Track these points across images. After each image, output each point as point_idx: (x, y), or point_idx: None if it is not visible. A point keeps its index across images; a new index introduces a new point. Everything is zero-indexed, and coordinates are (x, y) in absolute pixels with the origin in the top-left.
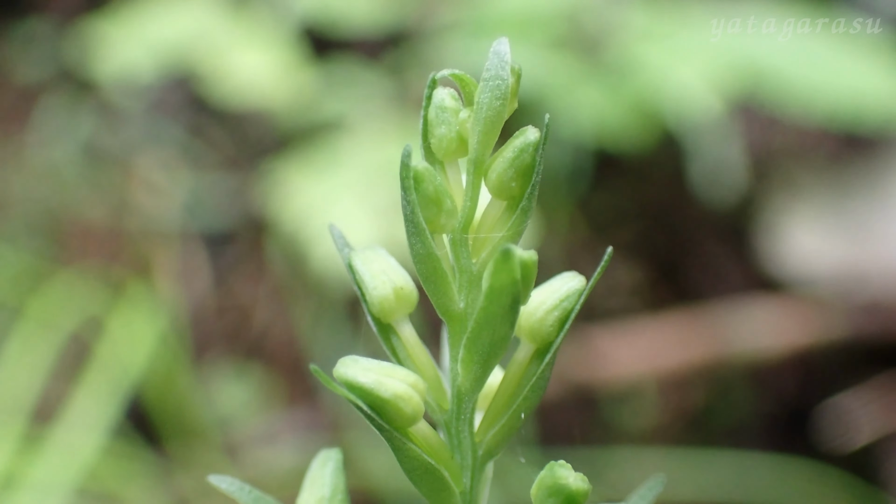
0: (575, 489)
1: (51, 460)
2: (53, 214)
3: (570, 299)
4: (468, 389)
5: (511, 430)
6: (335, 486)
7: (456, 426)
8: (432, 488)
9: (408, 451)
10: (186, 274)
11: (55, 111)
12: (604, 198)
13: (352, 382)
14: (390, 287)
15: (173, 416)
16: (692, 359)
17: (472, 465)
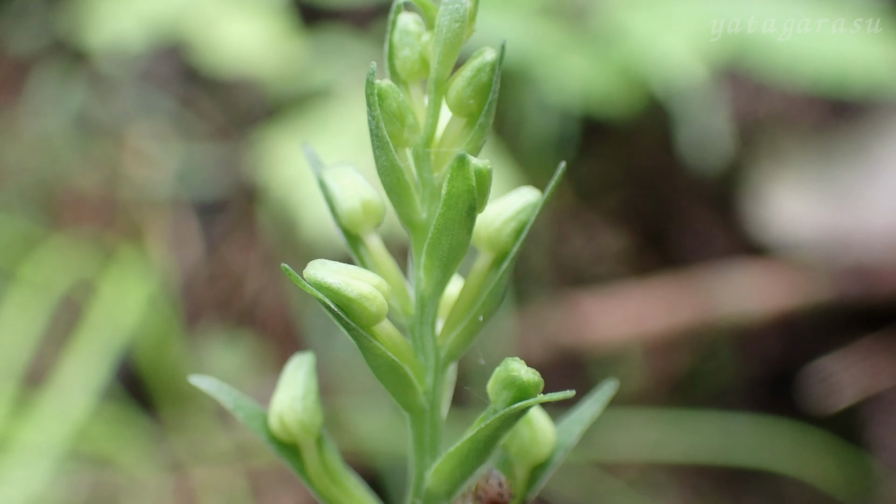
0: (526, 380)
1: (42, 423)
2: (46, 185)
3: (525, 211)
4: (430, 294)
5: (471, 334)
6: (307, 387)
7: (419, 330)
8: (397, 386)
9: (373, 349)
10: (178, 242)
11: (47, 83)
12: (590, 165)
13: (321, 283)
14: (358, 200)
15: (166, 383)
16: (678, 323)
17: (435, 366)
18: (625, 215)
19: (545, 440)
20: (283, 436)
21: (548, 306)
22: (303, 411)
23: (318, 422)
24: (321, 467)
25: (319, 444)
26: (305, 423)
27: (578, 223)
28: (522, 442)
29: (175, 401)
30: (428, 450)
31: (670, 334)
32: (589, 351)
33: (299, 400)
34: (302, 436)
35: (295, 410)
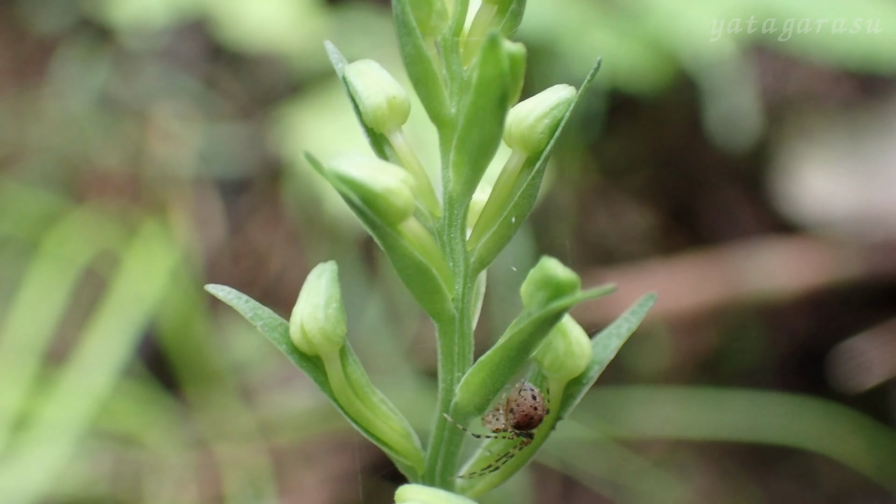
0: (563, 279)
1: (65, 399)
2: (70, 164)
3: (560, 108)
4: (459, 194)
5: (502, 238)
6: (330, 295)
7: (448, 233)
8: (425, 290)
9: (400, 248)
10: (202, 221)
11: (71, 62)
12: (616, 143)
13: (345, 176)
14: (383, 96)
15: (190, 361)
16: (705, 301)
17: (465, 271)
18: (651, 194)
19: (581, 352)
20: (305, 346)
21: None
22: (325, 320)
23: (342, 332)
24: (344, 380)
25: (343, 356)
26: (328, 332)
27: (604, 201)
28: (557, 354)
29: (199, 379)
30: (457, 362)
31: (698, 313)
32: None
33: (321, 308)
34: (324, 346)
35: (317, 319)
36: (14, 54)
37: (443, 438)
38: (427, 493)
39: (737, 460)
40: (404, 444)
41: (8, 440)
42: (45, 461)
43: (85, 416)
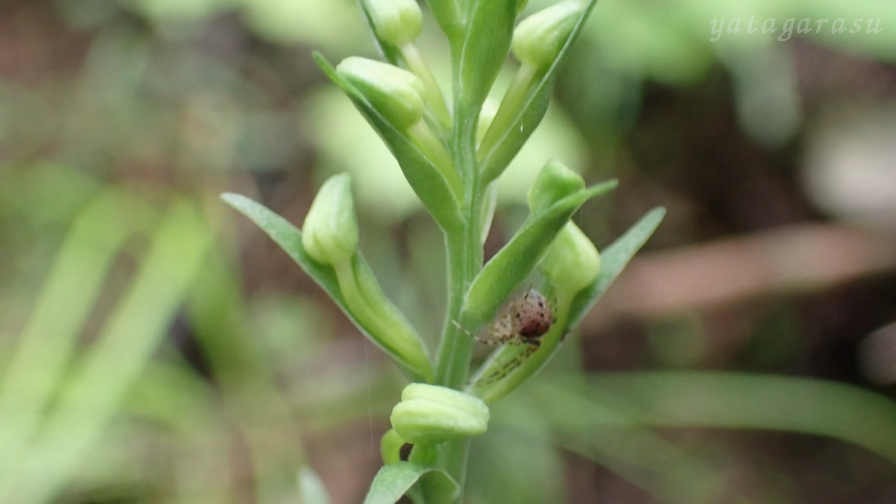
0: (567, 178)
1: (96, 382)
2: (107, 154)
3: (569, 20)
4: (469, 102)
5: (512, 149)
6: (342, 204)
7: (458, 143)
8: (434, 196)
9: (409, 152)
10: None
11: (109, 55)
12: (651, 134)
13: (355, 78)
14: (395, 9)
15: (224, 348)
16: (739, 291)
17: (474, 181)
18: (686, 184)
19: (588, 263)
20: (317, 254)
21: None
22: (336, 228)
23: (353, 240)
24: (356, 289)
25: (354, 266)
26: (339, 240)
27: (638, 192)
28: (564, 265)
29: (232, 366)
30: (466, 271)
31: (731, 302)
32: (649, 319)
33: (333, 216)
34: (336, 254)
35: (329, 227)
36: (53, 47)
37: (452, 347)
38: (432, 391)
39: (770, 450)
40: (414, 352)
41: (40, 423)
42: (75, 445)
43: (117, 400)
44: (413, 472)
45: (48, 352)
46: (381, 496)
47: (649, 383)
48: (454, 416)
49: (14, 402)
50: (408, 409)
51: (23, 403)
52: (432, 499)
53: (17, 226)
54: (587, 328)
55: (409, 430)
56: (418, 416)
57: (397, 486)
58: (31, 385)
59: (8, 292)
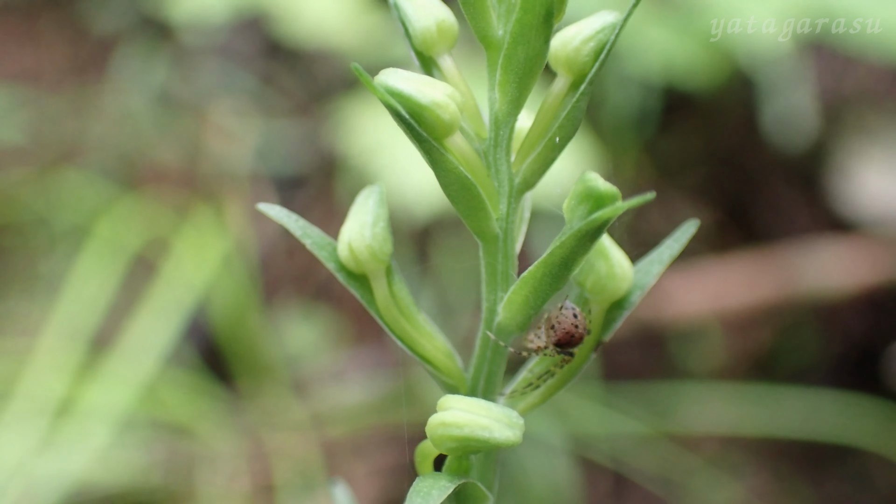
0: (604, 191)
1: (112, 385)
2: (128, 159)
3: (605, 31)
4: (505, 113)
5: (547, 160)
6: (377, 215)
7: (494, 154)
8: (469, 207)
9: (445, 163)
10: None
11: (131, 61)
12: (671, 141)
13: (392, 89)
14: (432, 20)
15: (244, 354)
16: (759, 299)
17: (509, 191)
18: (706, 192)
19: (622, 274)
20: (352, 264)
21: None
22: (372, 238)
23: (388, 250)
24: (390, 299)
25: (389, 276)
26: (374, 250)
27: (658, 199)
28: (598, 276)
29: (252, 372)
30: (500, 281)
31: (751, 311)
32: (669, 327)
33: (368, 227)
34: (371, 264)
35: (364, 237)
36: (75, 53)
37: (485, 358)
38: (467, 402)
39: (790, 460)
40: (447, 362)
41: (57, 426)
42: (93, 448)
43: (134, 404)
44: (448, 484)
45: (65, 355)
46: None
47: (669, 392)
48: (489, 427)
49: (31, 405)
50: (443, 419)
51: (40, 406)
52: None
53: (38, 231)
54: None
55: (445, 441)
56: (454, 427)
57: (433, 497)
58: (48, 388)
59: (29, 297)
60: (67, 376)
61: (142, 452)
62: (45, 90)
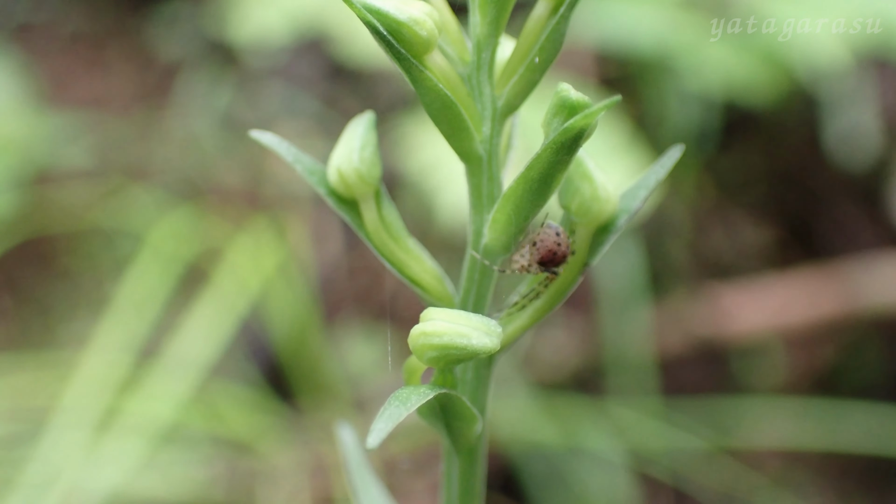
0: (577, 100)
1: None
2: (193, 182)
3: None
4: (486, 35)
5: (529, 83)
6: (365, 140)
7: (477, 77)
8: (452, 128)
9: (425, 81)
10: (319, 238)
11: (196, 86)
12: (732, 159)
13: (370, 6)
14: None
15: (306, 373)
16: (821, 316)
17: (492, 114)
18: (768, 210)
19: (606, 196)
20: (342, 189)
21: (687, 299)
22: (359, 162)
23: (376, 174)
24: (379, 223)
25: (377, 200)
26: (362, 174)
27: (719, 217)
28: (583, 199)
29: (313, 390)
30: (486, 203)
31: (814, 328)
32: (730, 344)
33: (356, 151)
34: (359, 187)
35: (352, 161)
36: (142, 79)
37: (473, 280)
38: (447, 313)
39: (854, 479)
40: (436, 285)
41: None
42: (150, 464)
43: (195, 420)
44: (428, 391)
45: (120, 367)
46: (395, 409)
47: (730, 408)
48: (468, 335)
49: (84, 417)
50: (424, 329)
51: (96, 420)
52: (454, 428)
53: (105, 253)
54: (667, 352)
55: (425, 351)
56: (434, 335)
57: (411, 402)
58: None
59: (95, 318)
60: (124, 389)
61: (204, 468)
62: (113, 115)
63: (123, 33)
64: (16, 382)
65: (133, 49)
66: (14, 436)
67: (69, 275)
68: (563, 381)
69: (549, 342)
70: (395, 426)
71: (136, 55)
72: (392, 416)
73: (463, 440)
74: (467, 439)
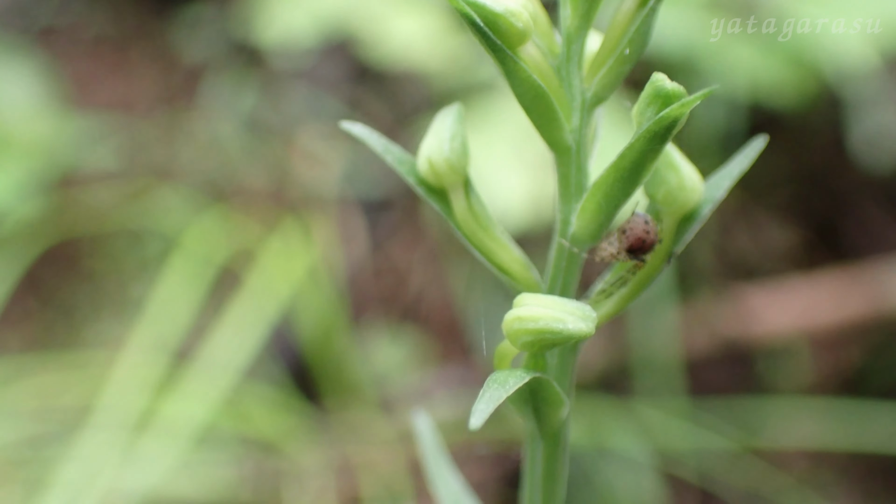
0: (671, 90)
1: (191, 399)
2: (217, 184)
3: None
4: (576, 28)
5: (617, 74)
6: (454, 131)
7: (566, 68)
8: (542, 117)
9: (519, 72)
10: (345, 240)
11: (220, 88)
12: (758, 161)
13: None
14: None
15: (332, 374)
16: (848, 318)
17: (581, 104)
18: (794, 211)
19: (692, 186)
20: (431, 178)
21: (713, 301)
22: (450, 151)
23: (465, 163)
24: (468, 211)
25: (466, 189)
26: (453, 163)
27: (745, 218)
28: (669, 188)
29: (339, 390)
30: (574, 192)
31: (840, 329)
32: (756, 345)
33: (447, 141)
34: (449, 177)
35: (442, 150)
36: (166, 82)
37: (560, 268)
38: (542, 298)
39: (880, 480)
40: (523, 272)
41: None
42: (176, 463)
43: (223, 420)
44: (524, 374)
45: (150, 368)
46: (494, 391)
47: (757, 408)
48: (563, 319)
49: (115, 418)
50: (519, 315)
51: (126, 420)
52: (542, 413)
53: (129, 254)
54: (693, 353)
55: (520, 335)
56: (529, 321)
57: (509, 384)
58: (133, 402)
59: (120, 320)
60: (157, 390)
61: (231, 468)
62: (137, 117)
63: (147, 36)
64: (41, 383)
65: (157, 51)
66: (41, 436)
67: (94, 276)
68: (590, 381)
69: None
70: (495, 407)
71: (159, 58)
72: (492, 397)
73: (549, 425)
74: (553, 424)
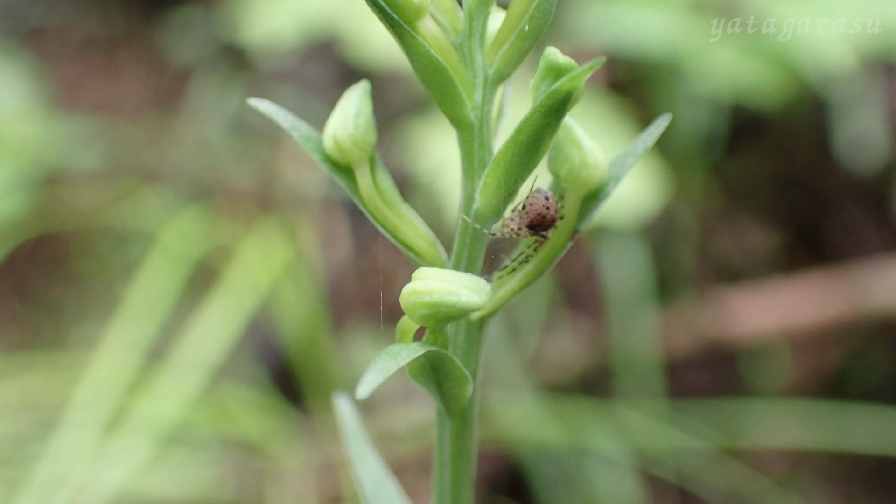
0: (563, 63)
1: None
2: (204, 185)
3: None
4: (478, 4)
5: (520, 51)
6: (359, 108)
7: (468, 45)
8: (444, 93)
9: (418, 47)
10: (330, 241)
11: (207, 91)
12: (740, 164)
13: None
14: None
15: (315, 376)
16: (829, 320)
17: (484, 81)
18: (775, 214)
19: (595, 163)
20: (337, 155)
21: (695, 302)
22: (354, 128)
23: (371, 141)
24: (373, 188)
25: (372, 166)
26: (357, 140)
27: (727, 221)
28: (572, 165)
29: (322, 392)
30: (477, 169)
31: (821, 331)
32: (736, 346)
33: (351, 118)
34: (354, 153)
35: (347, 127)
36: (153, 84)
37: (465, 244)
38: (438, 272)
39: (860, 481)
40: (429, 249)
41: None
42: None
43: (205, 421)
44: (419, 347)
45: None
46: (385, 363)
47: (736, 410)
48: (457, 292)
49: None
50: (414, 288)
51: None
52: (447, 390)
53: (116, 255)
54: (674, 354)
55: (416, 309)
56: (424, 293)
57: (401, 356)
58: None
59: (106, 321)
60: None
61: (213, 468)
62: (124, 119)
63: (135, 38)
64: (26, 383)
65: (145, 53)
66: (24, 436)
67: (80, 277)
68: (569, 383)
69: (556, 344)
70: (384, 378)
71: (147, 60)
72: (382, 369)
73: (454, 402)
74: (459, 402)
